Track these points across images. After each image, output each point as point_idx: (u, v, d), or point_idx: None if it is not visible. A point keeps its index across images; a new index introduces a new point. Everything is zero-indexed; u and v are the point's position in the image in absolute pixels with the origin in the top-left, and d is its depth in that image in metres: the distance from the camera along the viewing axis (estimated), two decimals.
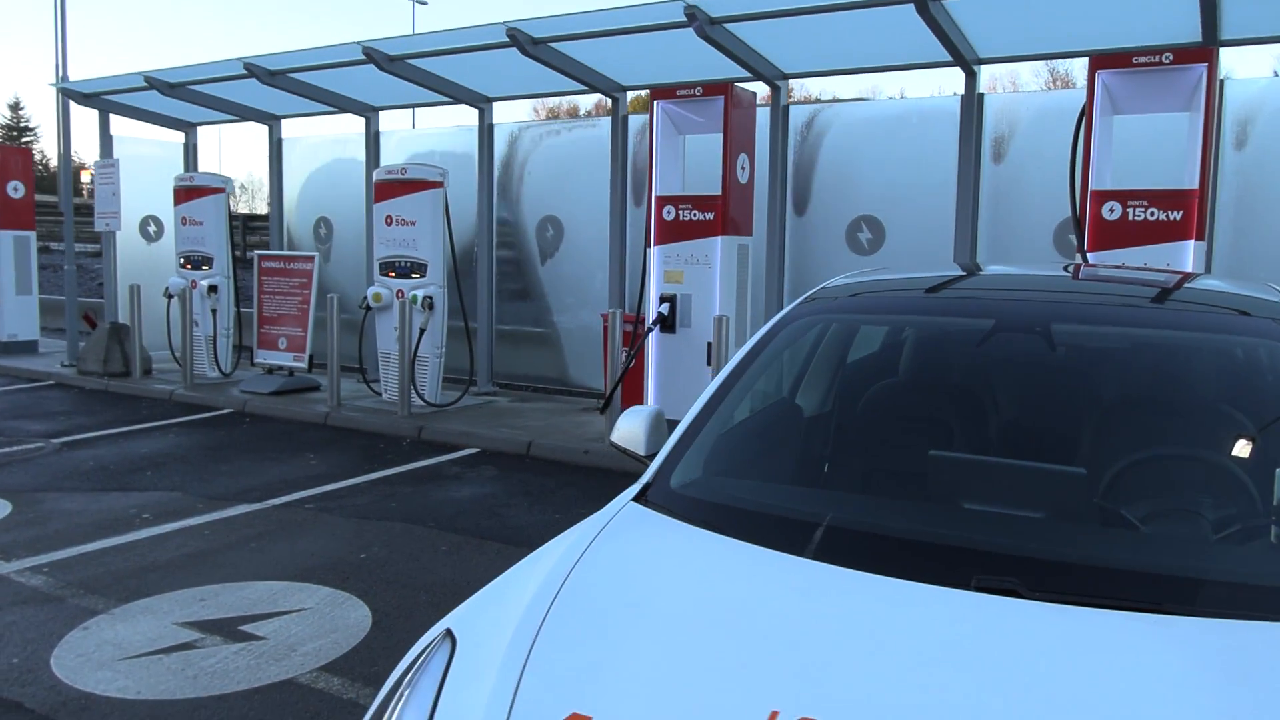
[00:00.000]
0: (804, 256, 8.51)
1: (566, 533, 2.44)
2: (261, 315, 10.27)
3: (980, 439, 2.79)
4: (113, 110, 11.81)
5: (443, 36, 8.71)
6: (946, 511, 2.42)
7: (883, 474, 2.75)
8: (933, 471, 2.70)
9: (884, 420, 2.94)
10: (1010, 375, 2.88)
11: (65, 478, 6.91)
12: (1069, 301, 2.94)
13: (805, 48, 8.08)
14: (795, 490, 2.68)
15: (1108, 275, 3.27)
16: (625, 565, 2.19)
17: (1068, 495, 2.55)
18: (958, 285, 3.25)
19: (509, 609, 2.02)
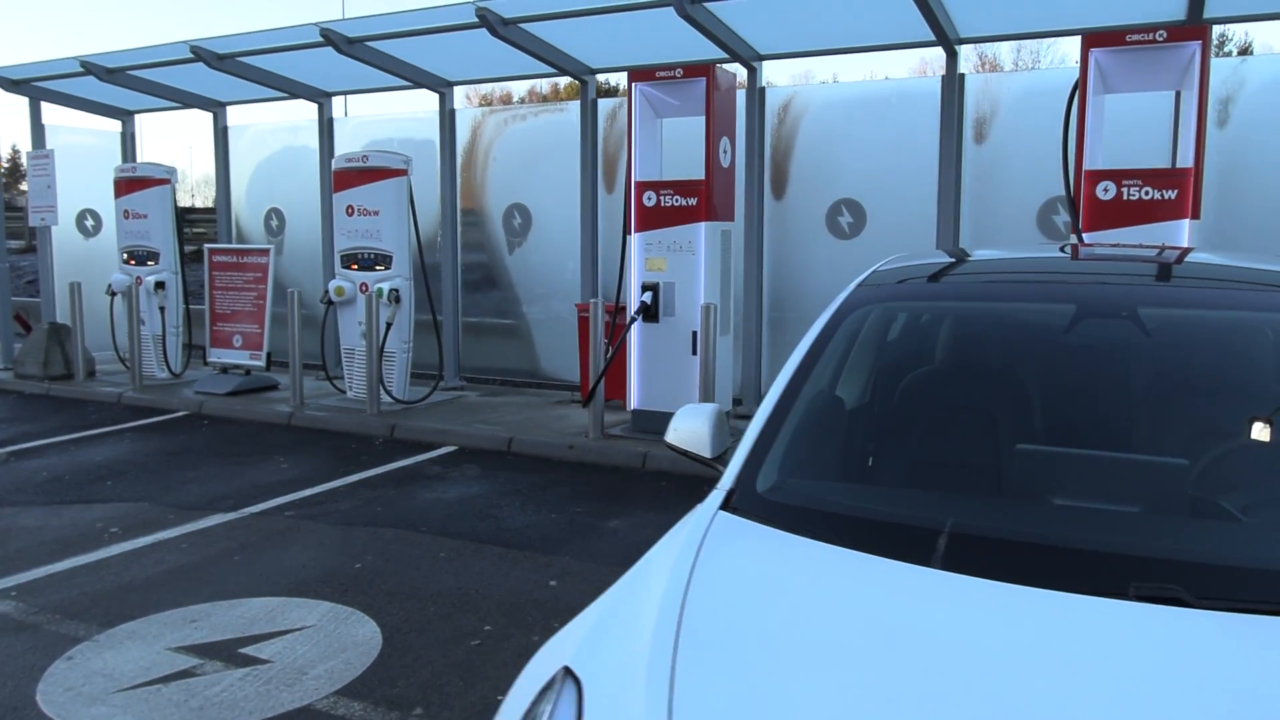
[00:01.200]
0: (783, 241, 8.36)
1: (659, 548, 2.24)
2: (214, 312, 9.81)
3: (1067, 430, 2.65)
4: (44, 98, 11.18)
5: (407, 17, 8.35)
6: (1073, 513, 2.27)
7: (970, 470, 2.59)
8: (1023, 466, 2.55)
9: (962, 413, 2.78)
10: (1097, 362, 2.73)
11: (17, 491, 6.47)
12: (1156, 285, 2.80)
13: (783, 27, 7.91)
14: (891, 492, 2.51)
15: (1192, 260, 3.14)
16: (743, 586, 1.99)
17: (1168, 488, 2.42)
18: (1027, 269, 3.10)
19: (631, 644, 1.81)
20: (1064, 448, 2.58)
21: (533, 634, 4.15)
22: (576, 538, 5.46)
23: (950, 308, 3.05)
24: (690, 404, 2.96)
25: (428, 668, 3.84)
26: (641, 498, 6.27)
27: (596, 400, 7.36)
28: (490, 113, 9.98)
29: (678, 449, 2.84)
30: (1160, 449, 2.53)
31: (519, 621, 4.28)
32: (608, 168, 9.14)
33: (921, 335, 3.19)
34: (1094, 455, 2.51)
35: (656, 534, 5.49)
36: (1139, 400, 2.68)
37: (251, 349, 9.61)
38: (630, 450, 7.06)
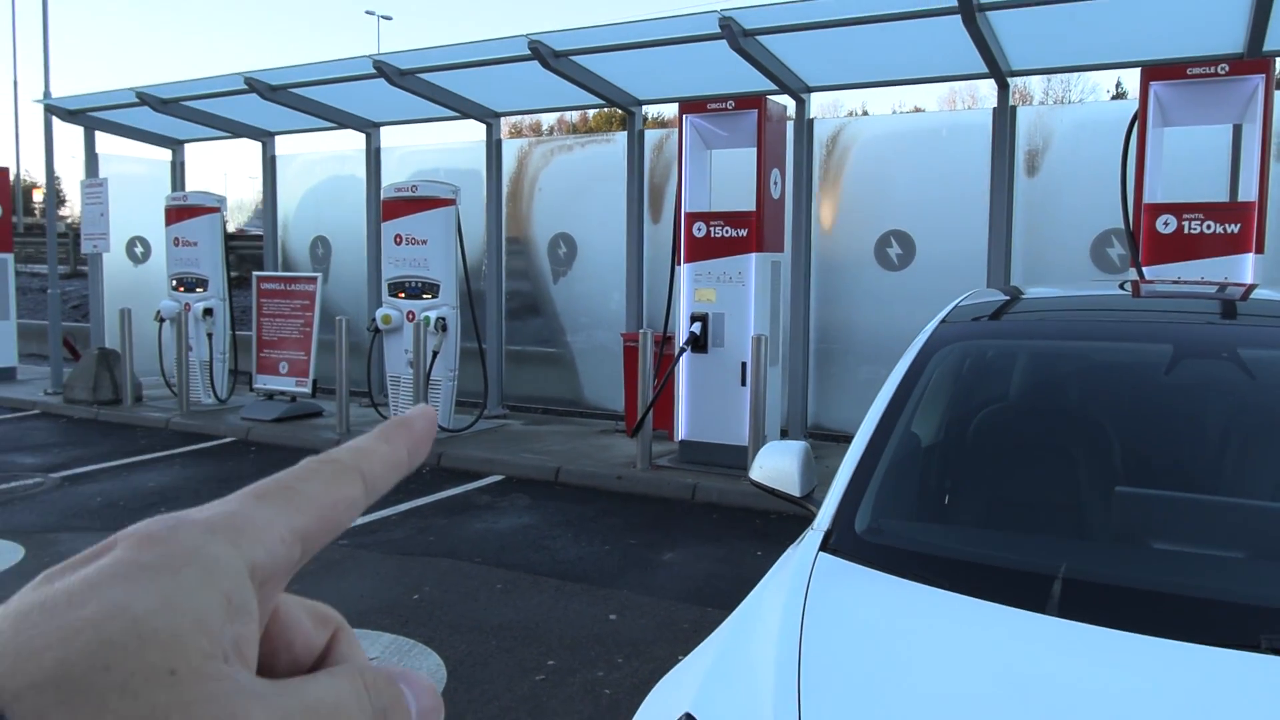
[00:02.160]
0: (830, 273, 8.34)
1: (764, 589, 2.21)
2: (261, 339, 9.90)
3: (1167, 473, 2.60)
4: (99, 127, 11.39)
5: (458, 50, 8.46)
6: (1184, 560, 2.22)
7: (1070, 512, 2.54)
8: (1124, 509, 2.50)
9: (1056, 454, 2.73)
10: (1194, 403, 2.69)
11: (74, 516, 6.53)
12: (1257, 325, 2.76)
13: (831, 60, 7.95)
14: (993, 535, 2.46)
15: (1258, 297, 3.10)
16: (859, 632, 1.96)
17: (1276, 533, 2.37)
18: (1115, 307, 3.06)
19: (751, 691, 1.78)
20: (1164, 490, 2.53)
21: (596, 669, 4.12)
22: (632, 570, 5.42)
23: (1042, 346, 3.01)
24: (775, 441, 2.93)
25: (495, 703, 3.81)
26: (694, 530, 6.22)
27: (645, 431, 7.34)
28: (536, 143, 10.07)
29: (764, 486, 2.81)
30: (1266, 493, 2.47)
31: (581, 656, 4.25)
32: (654, 198, 9.17)
33: (1006, 373, 3.15)
34: (1198, 499, 2.46)
35: (713, 567, 5.48)
36: (1239, 443, 2.62)
37: (297, 376, 9.69)
38: (679, 481, 7.03)
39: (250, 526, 0.34)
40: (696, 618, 4.70)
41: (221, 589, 0.32)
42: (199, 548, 0.32)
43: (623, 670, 4.11)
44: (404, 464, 0.40)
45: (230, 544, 0.33)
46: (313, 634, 0.39)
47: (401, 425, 0.41)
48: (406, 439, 0.41)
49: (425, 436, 0.42)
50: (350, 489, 0.38)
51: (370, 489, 0.39)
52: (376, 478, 0.39)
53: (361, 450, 0.39)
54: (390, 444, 0.40)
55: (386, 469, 0.39)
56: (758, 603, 2.15)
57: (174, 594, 0.30)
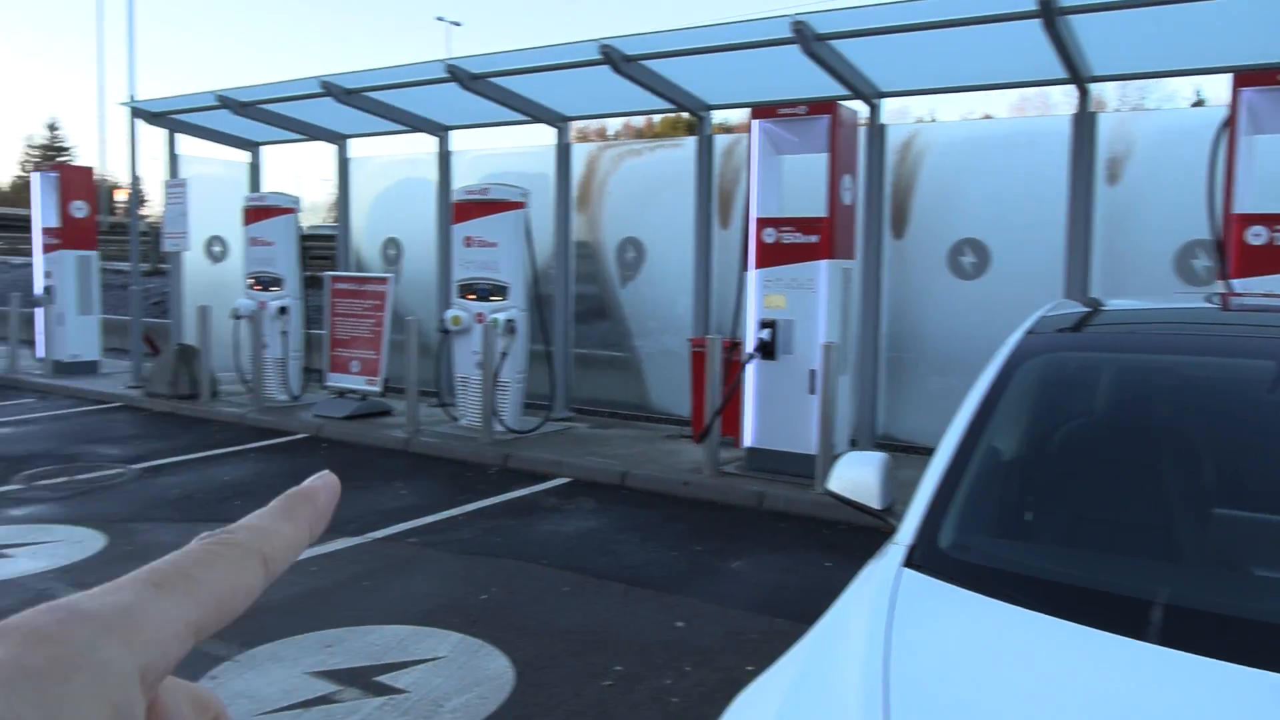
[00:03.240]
0: (902, 280, 8.22)
1: (846, 606, 2.17)
2: (334, 338, 10.08)
3: (1269, 495, 2.49)
4: (180, 129, 11.73)
5: (529, 54, 8.53)
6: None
7: (1164, 534, 2.46)
8: (1223, 532, 2.41)
9: (1150, 473, 2.64)
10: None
11: (153, 507, 6.71)
12: None
13: (905, 65, 7.84)
14: (1085, 556, 2.39)
15: None
16: (948, 655, 1.91)
17: None
18: (1206, 321, 2.96)
19: (837, 714, 1.74)
20: (1267, 514, 2.43)
21: (664, 677, 4.10)
22: (699, 577, 5.40)
23: (1133, 360, 2.92)
24: (854, 452, 2.89)
25: (562, 707, 3.82)
26: (761, 538, 6.18)
27: (712, 437, 7.30)
28: (605, 147, 10.10)
29: (841, 497, 2.77)
30: None
31: (649, 663, 4.24)
32: (722, 203, 9.14)
33: (1093, 387, 3.06)
34: None
35: (780, 577, 5.42)
36: None
37: (368, 375, 9.84)
38: (746, 489, 6.98)
39: (147, 624, 0.32)
40: (765, 628, 4.66)
41: (110, 698, 0.30)
42: (90, 650, 0.30)
43: (691, 679, 4.09)
44: (304, 544, 0.39)
45: (124, 645, 0.31)
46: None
47: (305, 500, 0.40)
48: (309, 515, 0.40)
49: (327, 511, 0.41)
50: (250, 576, 0.36)
51: (270, 573, 0.37)
52: (277, 561, 0.37)
53: (263, 531, 0.38)
54: (292, 523, 0.39)
55: (287, 550, 0.38)
56: (839, 619, 2.12)
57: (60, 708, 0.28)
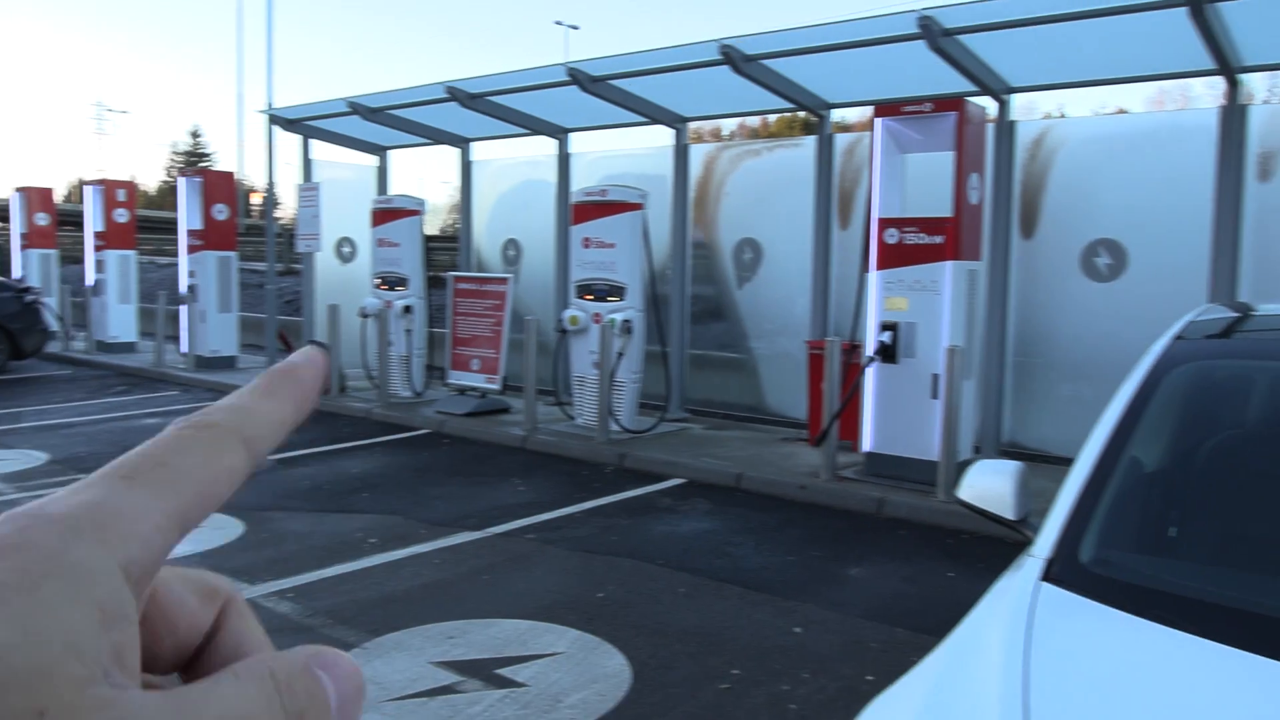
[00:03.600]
0: (1031, 282, 7.93)
1: (980, 620, 2.10)
2: (455, 336, 10.34)
3: None
4: (313, 135, 12.22)
5: (648, 56, 8.57)
6: None
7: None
8: None
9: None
10: None
11: (286, 497, 7.00)
12: None
13: (1037, 58, 7.57)
14: (1234, 574, 2.25)
15: None
16: (1091, 674, 1.82)
17: None
18: None
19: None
20: None
21: (781, 683, 4.06)
22: (816, 583, 5.32)
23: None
24: (987, 460, 2.80)
25: (679, 708, 3.82)
26: (880, 545, 6.05)
27: (829, 441, 7.19)
28: (723, 147, 10.07)
29: (974, 508, 2.68)
30: None
31: (766, 668, 4.19)
32: (842, 203, 8.99)
33: (1244, 397, 2.88)
34: None
35: (901, 586, 5.30)
36: None
37: (488, 373, 10.05)
38: (864, 494, 6.85)
39: (120, 519, 0.29)
40: (885, 638, 4.56)
41: (93, 598, 0.28)
42: (60, 553, 0.28)
43: (809, 686, 4.03)
44: (290, 422, 0.36)
45: (98, 543, 0.29)
46: (198, 611, 0.35)
47: (286, 375, 0.36)
48: (293, 393, 0.36)
49: (313, 388, 0.37)
50: (232, 459, 0.33)
51: (253, 454, 0.34)
52: (260, 441, 0.34)
53: (243, 410, 0.34)
54: (275, 400, 0.35)
55: (271, 430, 0.35)
56: (974, 632, 2.05)
57: (35, 618, 0.26)
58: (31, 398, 11.48)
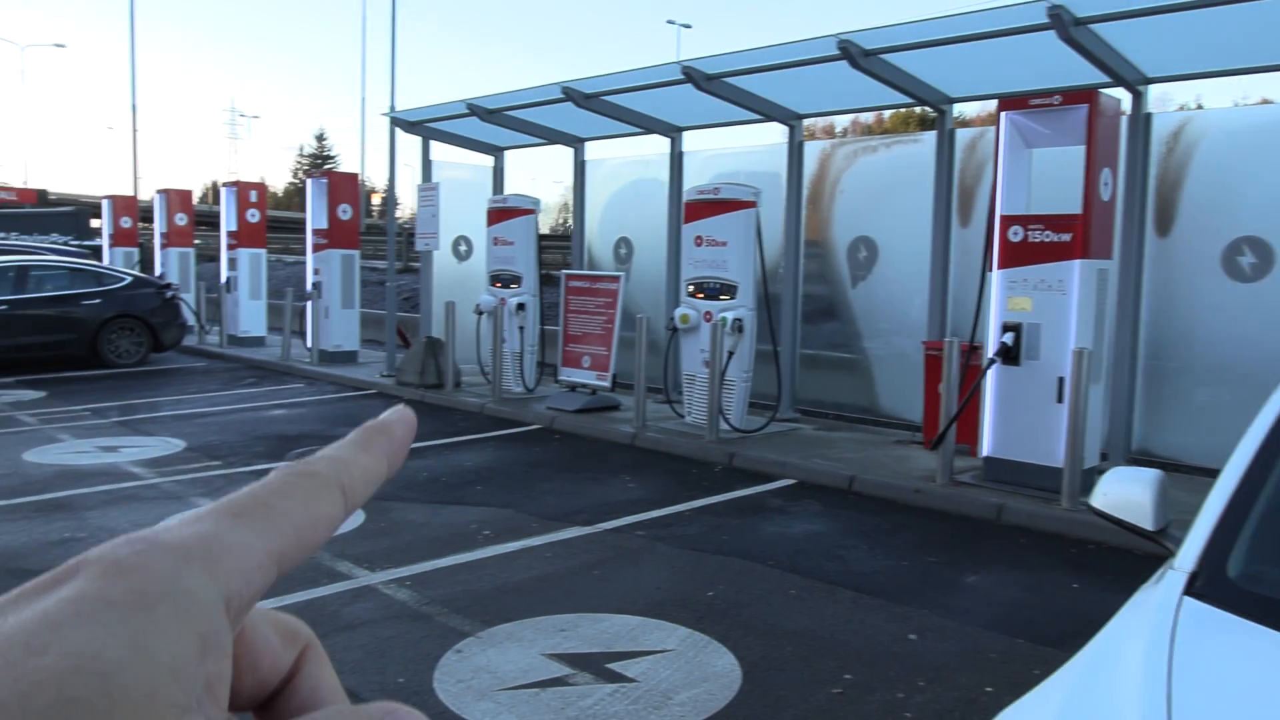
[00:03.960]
0: (1166, 282, 7.55)
1: (1118, 635, 2.00)
2: (567, 333, 10.46)
3: None
4: (433, 136, 12.54)
5: (764, 53, 8.49)
6: None
7: None
8: None
9: None
10: None
11: (404, 488, 7.20)
12: None
13: (1175, 47, 7.20)
14: None
15: None
16: (1240, 695, 1.71)
17: None
18: None
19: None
20: None
21: (896, 690, 3.96)
22: (931, 589, 5.18)
23: None
24: (1124, 467, 2.66)
25: (790, 711, 3.76)
26: (998, 553, 5.85)
27: (946, 444, 6.99)
28: (839, 144, 9.91)
29: (1109, 516, 2.55)
30: None
31: (880, 674, 4.10)
32: (963, 200, 8.74)
33: None
34: None
35: (1021, 595, 5.12)
36: None
37: (598, 370, 10.14)
38: (983, 500, 6.64)
39: (228, 554, 0.31)
40: (1004, 648, 4.40)
41: (197, 628, 0.29)
42: (173, 579, 0.29)
43: (924, 694, 3.92)
44: (383, 475, 0.38)
45: (206, 574, 0.30)
46: (280, 653, 0.36)
47: (381, 432, 0.39)
48: (386, 448, 0.38)
49: (404, 443, 0.39)
50: (330, 507, 0.35)
51: (350, 504, 0.36)
52: (356, 491, 0.36)
53: (341, 461, 0.36)
54: (370, 454, 0.37)
55: (366, 482, 0.37)
56: (1111, 646, 1.95)
57: (146, 639, 0.27)
58: (169, 388, 12.13)
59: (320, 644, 0.38)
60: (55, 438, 8.79)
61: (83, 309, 13.44)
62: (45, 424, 9.43)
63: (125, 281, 14.17)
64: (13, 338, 12.84)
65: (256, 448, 8.37)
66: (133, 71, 27.26)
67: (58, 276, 13.74)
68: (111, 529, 5.95)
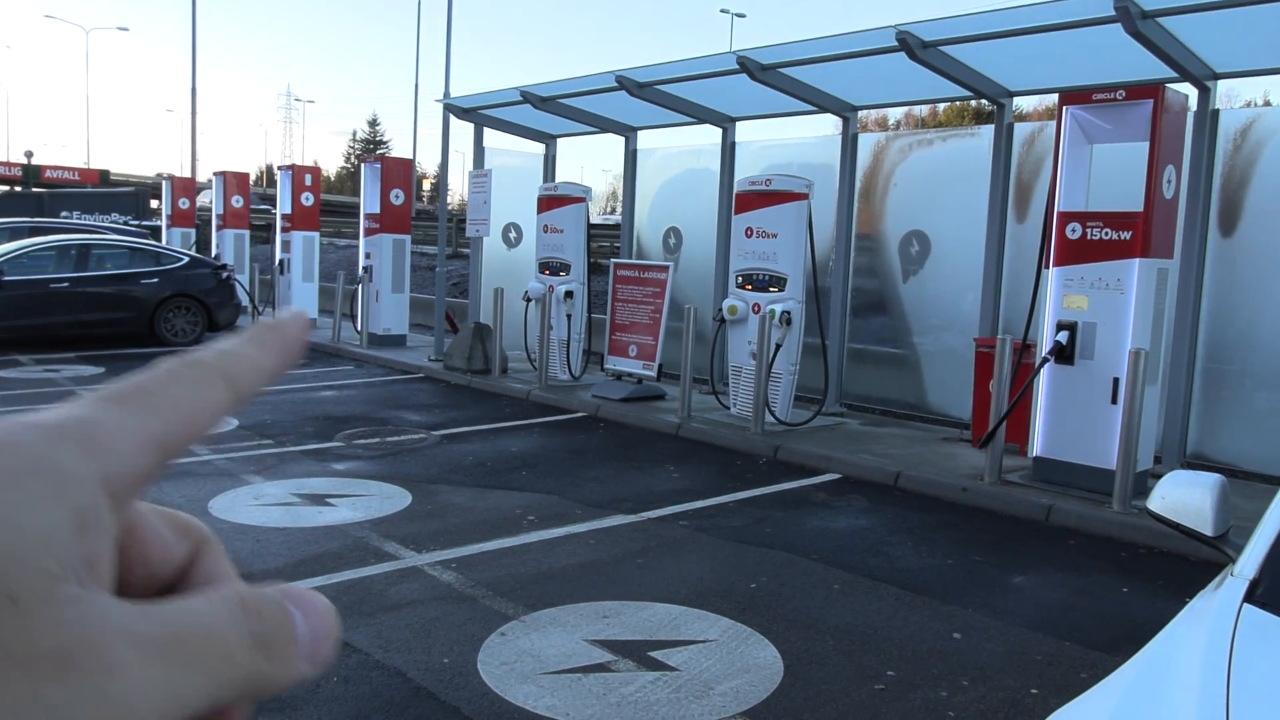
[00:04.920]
0: (1229, 283, 7.37)
1: (1173, 641, 1.96)
2: (614, 322, 10.48)
3: None
4: (486, 124, 12.60)
5: (820, 44, 8.41)
6: None
7: None
8: None
9: None
10: None
11: (451, 471, 7.27)
12: None
13: (1244, 41, 7.02)
14: None
15: None
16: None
17: None
18: None
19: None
20: None
21: (939, 688, 3.92)
22: (977, 589, 5.12)
23: None
24: (1181, 470, 2.62)
25: (831, 705, 3.75)
26: (1047, 554, 5.77)
27: (996, 442, 6.90)
28: (894, 137, 9.79)
29: (1167, 520, 2.50)
30: None
31: (923, 672, 4.07)
32: (1019, 196, 8.59)
33: None
34: None
35: (1069, 598, 5.05)
36: None
37: (645, 359, 10.15)
38: (1032, 500, 6.54)
39: (105, 433, 0.31)
40: (1051, 651, 4.34)
41: (70, 503, 0.29)
42: (44, 456, 0.29)
43: (968, 694, 3.88)
44: (273, 370, 0.37)
45: (81, 452, 0.30)
46: (173, 545, 0.36)
47: (273, 329, 0.38)
48: (278, 343, 0.38)
49: (297, 342, 0.38)
50: (215, 394, 0.35)
51: (237, 394, 0.35)
52: (243, 382, 0.36)
53: (228, 353, 0.36)
54: (259, 349, 0.37)
55: (254, 374, 0.36)
56: (1167, 654, 1.91)
57: (14, 510, 0.27)
58: None
59: (217, 541, 0.38)
60: None
61: (141, 288, 13.74)
62: None
63: (182, 261, 14.45)
64: (74, 315, 13.16)
65: (307, 427, 8.51)
66: (193, 55, 27.77)
67: (118, 255, 14.06)
68: (164, 503, 6.05)
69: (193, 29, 27.53)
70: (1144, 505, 2.63)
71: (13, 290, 12.67)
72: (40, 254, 13.32)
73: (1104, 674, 2.06)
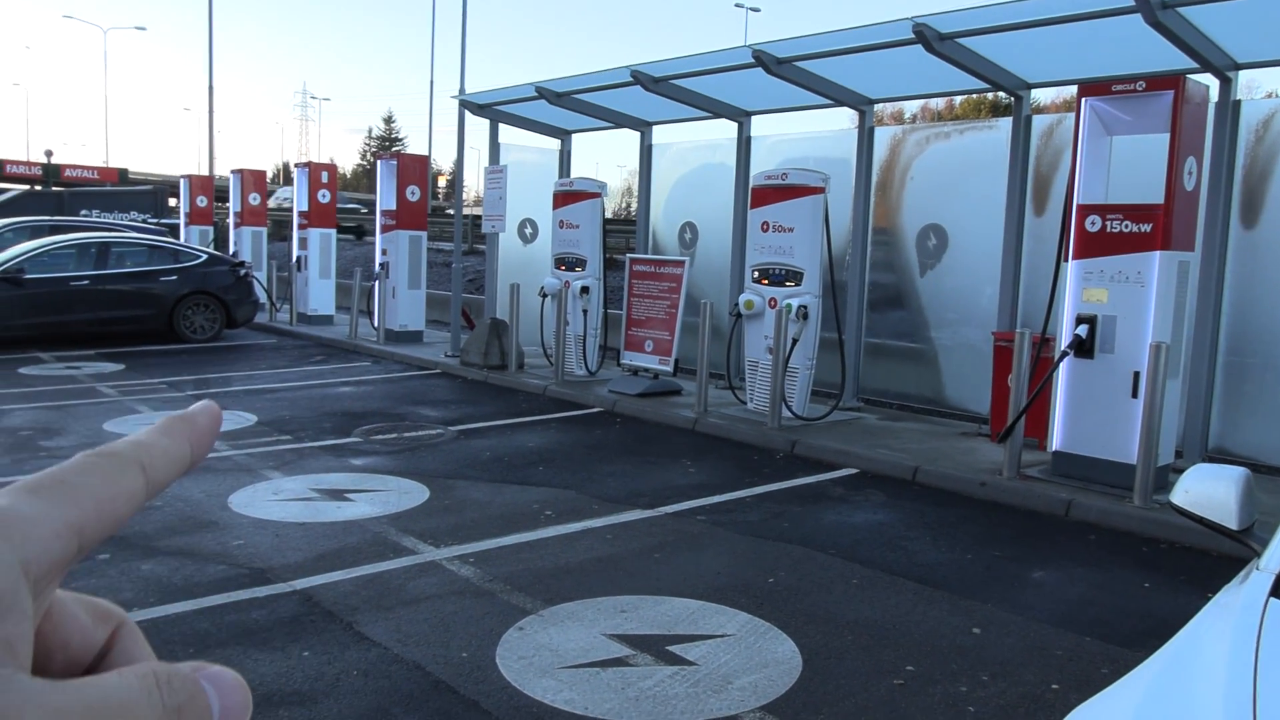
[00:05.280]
0: (1251, 276, 7.30)
1: (1198, 636, 1.94)
2: (630, 317, 10.47)
3: None
4: (502, 120, 12.61)
5: (836, 36, 8.37)
6: None
7: None
8: None
9: None
10: None
11: (467, 466, 7.29)
12: None
13: (1266, 31, 6.93)
14: None
15: None
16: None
17: None
18: None
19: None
20: None
21: (959, 683, 3.91)
22: (996, 584, 5.10)
23: None
24: (1204, 464, 2.59)
25: (850, 700, 3.74)
26: (1067, 549, 5.73)
27: (1015, 437, 6.86)
28: (910, 130, 9.75)
29: (1191, 514, 2.48)
30: None
31: (942, 667, 4.05)
32: (1038, 188, 8.54)
33: None
34: None
35: (1089, 593, 5.01)
36: None
37: (661, 354, 10.14)
38: (1051, 495, 6.50)
39: (21, 521, 0.32)
40: (1071, 646, 4.31)
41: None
42: None
43: (988, 689, 3.86)
44: (186, 460, 0.39)
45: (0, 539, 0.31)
46: (92, 630, 0.37)
47: (184, 420, 0.40)
48: (188, 434, 0.40)
49: (208, 432, 0.40)
50: (130, 483, 0.36)
51: (151, 482, 0.37)
52: (158, 471, 0.38)
53: (142, 444, 0.38)
54: (172, 439, 0.39)
55: (168, 463, 0.38)
56: (1192, 649, 1.90)
57: None
58: (241, 363, 12.43)
59: (134, 624, 0.39)
60: (133, 409, 9.07)
61: (160, 285, 13.83)
62: (124, 395, 9.73)
63: (201, 259, 14.54)
64: (94, 312, 13.27)
65: (325, 424, 8.55)
66: (210, 54, 27.91)
67: (137, 253, 14.16)
68: (185, 498, 6.13)
69: (209, 28, 27.67)
70: (1166, 499, 2.61)
71: (34, 288, 12.78)
72: (60, 252, 13.43)
73: (1125, 670, 2.04)
